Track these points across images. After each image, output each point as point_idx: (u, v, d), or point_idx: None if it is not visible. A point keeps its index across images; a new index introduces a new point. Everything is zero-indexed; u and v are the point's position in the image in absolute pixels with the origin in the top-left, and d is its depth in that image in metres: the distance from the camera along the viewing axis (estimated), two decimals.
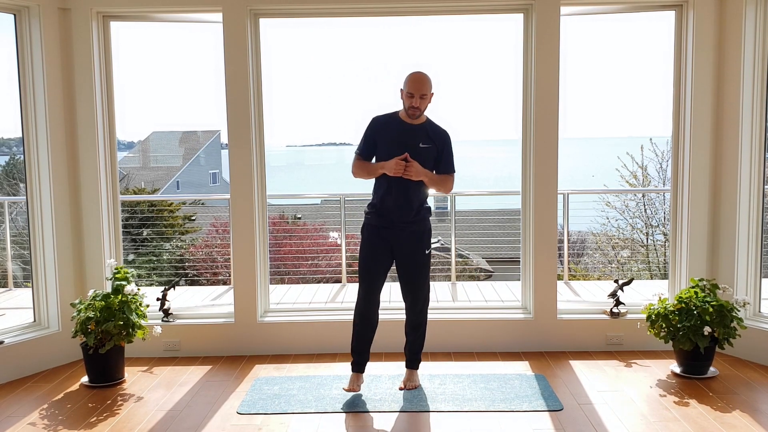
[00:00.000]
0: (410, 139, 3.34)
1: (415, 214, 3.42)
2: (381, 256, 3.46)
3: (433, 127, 3.43)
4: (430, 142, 3.37)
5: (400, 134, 3.36)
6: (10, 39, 3.96)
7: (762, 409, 3.27)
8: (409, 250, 3.46)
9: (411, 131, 3.36)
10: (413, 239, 3.45)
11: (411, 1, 4.09)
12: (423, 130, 3.39)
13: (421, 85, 3.28)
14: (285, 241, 9.68)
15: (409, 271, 3.48)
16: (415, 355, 3.60)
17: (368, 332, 3.53)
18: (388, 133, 3.38)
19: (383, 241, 3.45)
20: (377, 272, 3.46)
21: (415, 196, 3.39)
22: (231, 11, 4.03)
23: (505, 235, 13.59)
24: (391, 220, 3.41)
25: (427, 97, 3.32)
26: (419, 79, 3.30)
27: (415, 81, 3.30)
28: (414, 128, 3.37)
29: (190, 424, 3.18)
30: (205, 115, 42.01)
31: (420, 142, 3.35)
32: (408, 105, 3.32)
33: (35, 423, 3.21)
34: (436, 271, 11.16)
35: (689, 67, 4.05)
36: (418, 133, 3.36)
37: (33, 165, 4.01)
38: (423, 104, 3.32)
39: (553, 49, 4.03)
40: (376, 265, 3.46)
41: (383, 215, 3.42)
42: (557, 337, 4.22)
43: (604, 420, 3.17)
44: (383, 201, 3.40)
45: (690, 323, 3.61)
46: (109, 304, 3.65)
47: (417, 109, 3.31)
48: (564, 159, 4.25)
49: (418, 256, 3.46)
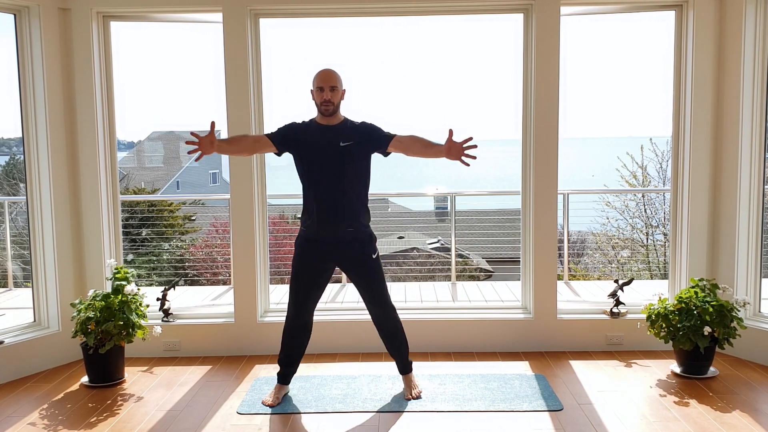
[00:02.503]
0: (330, 141, 3.23)
1: (351, 222, 3.26)
2: (315, 273, 3.34)
3: (350, 124, 3.30)
4: (350, 139, 3.23)
5: (319, 137, 3.24)
6: (10, 39, 3.96)
7: (762, 409, 3.27)
8: (355, 261, 3.34)
9: (329, 131, 3.25)
10: (355, 249, 3.31)
11: (411, 1, 4.09)
12: (341, 128, 3.26)
13: (328, 77, 3.20)
14: (285, 241, 9.68)
15: (361, 282, 3.38)
16: (404, 359, 3.53)
17: (297, 347, 3.45)
18: (307, 138, 3.24)
19: (320, 257, 3.32)
20: (310, 289, 3.36)
21: (347, 203, 3.24)
22: (231, 11, 4.03)
23: (505, 235, 13.59)
24: (327, 233, 3.27)
25: (338, 90, 3.21)
26: (327, 73, 3.21)
27: (323, 74, 3.21)
28: (332, 128, 3.26)
29: (190, 424, 3.18)
30: (205, 114, 42.00)
31: (340, 141, 3.22)
32: (320, 100, 3.20)
33: (35, 423, 3.21)
34: (436, 271, 11.16)
35: (689, 67, 4.05)
36: (337, 132, 3.25)
37: (33, 165, 4.01)
38: (335, 97, 3.20)
39: (553, 49, 4.03)
40: (309, 281, 3.35)
41: (318, 229, 3.27)
42: (557, 337, 4.23)
43: (604, 420, 3.17)
44: (311, 211, 3.27)
45: (690, 323, 3.61)
46: (109, 304, 3.65)
47: (330, 102, 3.18)
48: (564, 159, 4.25)
49: (367, 263, 3.33)
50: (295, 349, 3.47)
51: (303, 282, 3.35)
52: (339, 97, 3.25)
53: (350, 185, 3.25)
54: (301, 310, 3.39)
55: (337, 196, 3.23)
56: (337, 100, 3.23)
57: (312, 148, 3.24)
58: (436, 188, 21.99)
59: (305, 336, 3.47)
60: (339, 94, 3.24)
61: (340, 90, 3.24)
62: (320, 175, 3.24)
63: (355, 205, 3.26)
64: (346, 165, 3.23)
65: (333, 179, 3.23)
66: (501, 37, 48.55)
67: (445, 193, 7.51)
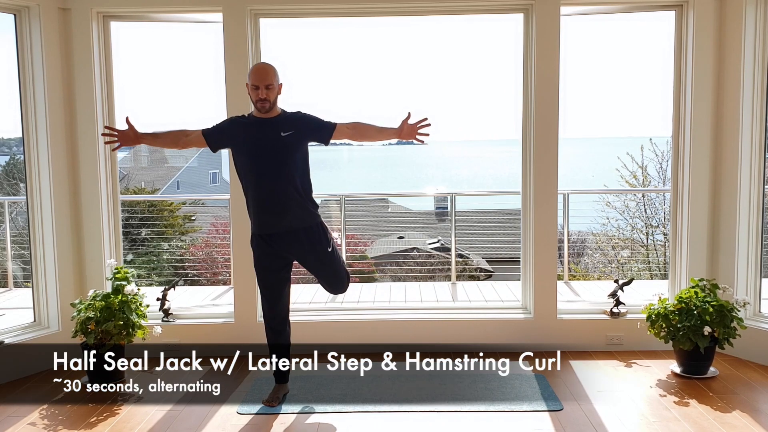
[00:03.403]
0: (270, 132, 3.18)
1: (296, 210, 3.22)
2: (276, 269, 3.33)
3: (287, 115, 3.25)
4: (291, 129, 3.19)
5: (258, 129, 3.19)
6: (10, 39, 3.96)
7: (762, 409, 3.27)
8: (309, 255, 3.30)
9: (268, 124, 3.20)
10: (306, 241, 3.26)
11: (411, 1, 4.09)
12: (280, 120, 3.22)
13: (264, 75, 3.13)
14: None
15: (320, 273, 3.37)
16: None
17: (283, 340, 3.46)
18: (246, 131, 3.21)
19: (274, 251, 3.29)
20: (276, 285, 3.35)
21: (293, 191, 3.20)
22: (231, 11, 4.02)
23: (505, 235, 13.58)
24: (275, 225, 3.23)
25: (273, 87, 3.14)
26: (261, 69, 3.15)
27: (258, 72, 3.14)
28: (271, 120, 3.20)
29: (190, 424, 3.18)
30: (205, 114, 41.96)
31: (281, 131, 3.17)
32: (255, 98, 3.15)
33: (35, 423, 3.21)
34: (436, 271, 11.16)
35: (689, 67, 4.05)
36: (276, 124, 3.21)
37: (33, 165, 4.01)
38: (270, 95, 3.14)
39: (553, 49, 4.02)
40: (273, 279, 3.34)
41: (267, 222, 3.24)
42: (557, 337, 4.22)
43: (604, 420, 3.17)
44: (257, 206, 3.24)
45: (690, 323, 3.61)
46: (109, 304, 3.65)
47: (266, 100, 3.13)
48: (564, 159, 4.25)
49: (321, 256, 3.29)
50: (282, 342, 3.47)
51: (268, 282, 3.35)
52: (275, 94, 3.20)
53: (293, 175, 3.21)
54: (275, 307, 3.39)
55: (281, 186, 3.18)
56: (273, 97, 3.18)
57: (252, 141, 3.19)
58: (436, 188, 22.00)
59: (286, 327, 3.47)
60: (275, 91, 3.19)
61: (276, 86, 3.18)
62: (264, 167, 3.19)
63: (299, 193, 3.23)
64: (288, 154, 3.19)
65: (276, 170, 3.18)
66: (501, 37, 48.51)
67: (445, 193, 7.53)
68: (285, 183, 3.18)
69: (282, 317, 3.44)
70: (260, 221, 3.26)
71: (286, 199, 3.20)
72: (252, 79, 3.16)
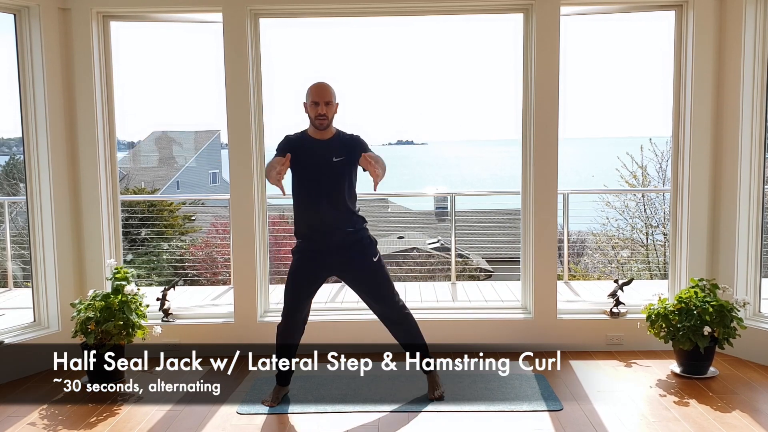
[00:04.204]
0: (324, 153, 3.24)
1: (344, 230, 3.28)
2: (312, 283, 3.38)
3: (342, 137, 3.32)
4: (342, 155, 3.26)
5: (311, 150, 3.26)
6: (10, 39, 3.96)
7: (762, 409, 3.27)
8: (356, 266, 3.34)
9: (323, 146, 3.26)
10: (355, 254, 3.32)
11: (411, 1, 4.09)
12: (334, 143, 3.28)
13: (324, 92, 3.22)
14: (285, 241, 9.67)
15: (364, 285, 3.38)
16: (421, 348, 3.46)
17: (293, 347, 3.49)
18: (301, 150, 3.24)
19: (319, 267, 3.33)
20: (304, 297, 3.38)
21: (340, 214, 3.27)
22: (231, 11, 4.03)
23: (505, 235, 13.58)
24: (321, 243, 3.29)
25: (332, 105, 3.24)
26: (322, 87, 3.23)
27: (318, 89, 3.23)
28: (325, 143, 3.27)
29: (190, 424, 3.19)
30: (205, 115, 42.01)
31: (333, 156, 3.24)
32: (314, 115, 3.22)
33: (35, 423, 3.21)
34: (436, 271, 11.16)
35: (689, 67, 4.05)
36: (330, 146, 3.26)
37: (33, 165, 4.01)
38: (329, 111, 3.23)
39: (553, 49, 4.03)
40: (305, 291, 3.37)
41: (315, 240, 3.30)
42: (557, 337, 4.22)
43: (604, 420, 3.17)
44: (305, 224, 3.30)
45: (690, 323, 3.61)
46: (109, 304, 3.65)
47: (324, 117, 3.21)
48: (564, 159, 4.25)
49: (367, 267, 3.33)
50: (291, 349, 3.49)
51: (298, 292, 3.37)
52: (333, 111, 3.27)
53: (341, 198, 3.27)
54: (296, 316, 3.41)
55: (329, 208, 3.25)
56: (331, 114, 3.26)
57: (306, 162, 3.25)
58: (436, 188, 21.97)
59: (299, 334, 3.49)
60: (333, 109, 3.27)
61: (334, 104, 3.26)
62: (314, 189, 3.26)
63: (347, 215, 3.30)
64: (338, 179, 3.26)
65: (326, 193, 3.25)
66: (501, 37, 48.56)
67: (445, 193, 7.54)
68: (334, 206, 3.26)
69: (299, 324, 3.46)
70: (307, 238, 3.33)
71: (334, 220, 3.27)
72: (312, 96, 3.23)
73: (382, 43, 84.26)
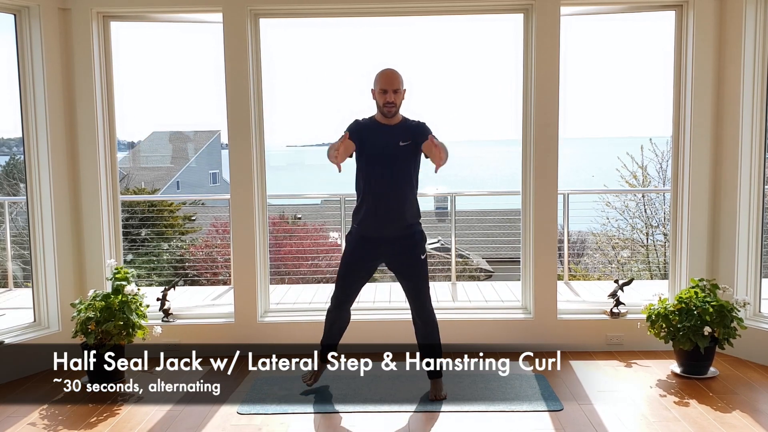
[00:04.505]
0: (390, 139, 3.27)
1: (405, 219, 3.33)
2: (364, 271, 3.43)
3: (408, 124, 3.35)
4: (408, 139, 3.28)
5: (378, 135, 3.29)
6: (10, 39, 3.96)
7: (762, 409, 3.27)
8: (404, 260, 3.38)
9: (389, 131, 3.29)
10: (406, 247, 3.36)
11: (411, 1, 4.09)
12: (400, 128, 3.31)
13: (392, 80, 3.23)
14: (285, 241, 9.67)
15: (407, 280, 3.41)
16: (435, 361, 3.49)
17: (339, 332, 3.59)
18: (368, 135, 3.29)
19: (370, 252, 3.38)
20: (356, 283, 3.43)
21: (403, 200, 3.31)
22: (231, 11, 4.03)
23: (505, 235, 13.58)
24: (380, 229, 3.33)
25: (400, 92, 3.25)
26: (390, 74, 3.25)
27: (386, 76, 3.24)
28: (392, 128, 3.30)
29: (190, 424, 3.19)
30: (205, 115, 41.96)
31: (399, 140, 3.27)
32: (382, 102, 3.24)
33: (35, 423, 3.21)
34: (436, 271, 11.16)
35: (689, 67, 4.05)
36: (396, 132, 3.29)
37: (33, 165, 4.01)
38: (397, 99, 3.25)
39: (553, 49, 4.02)
40: (357, 278, 3.42)
41: (374, 226, 3.33)
42: (557, 337, 4.22)
43: (604, 420, 3.17)
44: (368, 209, 3.32)
45: (690, 323, 3.61)
46: (109, 304, 3.65)
47: (392, 104, 3.23)
48: (564, 159, 4.25)
49: (416, 265, 3.37)
50: (337, 334, 3.59)
51: (350, 279, 3.42)
52: (401, 99, 3.28)
53: (406, 183, 3.31)
54: (345, 303, 3.49)
55: (394, 193, 3.29)
56: (399, 101, 3.27)
57: (373, 146, 3.28)
58: (436, 188, 21.98)
59: (346, 321, 3.58)
60: (401, 96, 3.28)
61: (401, 91, 3.27)
62: (379, 174, 3.28)
63: (410, 202, 3.34)
64: (403, 164, 3.29)
65: (391, 178, 3.28)
66: (501, 37, 48.50)
67: (445, 193, 7.51)
68: (398, 191, 3.29)
69: (346, 312, 3.55)
70: (367, 223, 3.34)
71: (397, 207, 3.30)
72: (380, 83, 3.25)
73: (382, 43, 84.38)
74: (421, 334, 3.51)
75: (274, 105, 5.67)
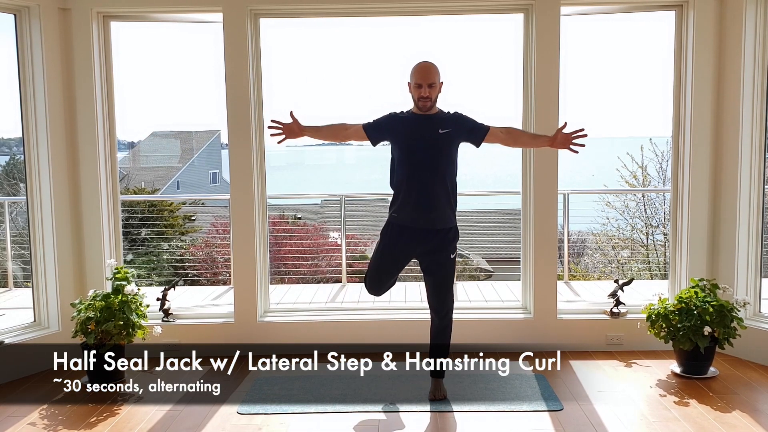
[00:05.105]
0: (428, 129, 3.21)
1: (444, 208, 3.25)
2: (399, 261, 3.37)
3: (445, 114, 3.29)
4: (448, 127, 3.22)
5: (417, 126, 3.22)
6: (10, 39, 3.96)
7: (762, 409, 3.27)
8: (435, 257, 3.32)
9: (427, 121, 3.23)
10: (439, 246, 3.30)
11: (411, 1, 4.09)
12: (438, 118, 3.25)
13: (427, 74, 3.16)
14: (285, 241, 9.67)
15: (433, 277, 3.37)
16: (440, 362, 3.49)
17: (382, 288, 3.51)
18: (405, 126, 3.24)
19: (405, 245, 3.31)
20: (389, 274, 3.39)
21: (443, 189, 3.23)
22: (231, 11, 4.03)
23: (505, 235, 13.57)
24: (420, 220, 3.25)
25: (435, 86, 3.18)
26: (425, 68, 3.17)
27: (421, 70, 3.17)
28: (430, 117, 3.24)
29: (190, 424, 3.19)
30: (205, 115, 41.91)
31: (439, 128, 3.20)
32: (417, 96, 3.18)
33: (35, 423, 3.21)
34: None
35: (689, 67, 4.05)
36: (434, 121, 3.23)
37: (33, 165, 4.01)
38: (432, 93, 3.17)
39: (553, 50, 4.02)
40: (390, 267, 3.37)
41: (412, 215, 3.25)
42: (557, 337, 4.22)
43: (604, 420, 3.17)
44: (405, 199, 3.26)
45: (690, 323, 3.61)
46: (109, 304, 3.65)
47: (428, 99, 3.16)
48: (564, 159, 4.25)
49: (444, 262, 3.33)
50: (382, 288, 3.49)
51: (384, 268, 3.37)
52: (437, 92, 3.22)
53: (445, 173, 3.24)
54: (378, 292, 3.45)
55: (432, 183, 3.22)
56: (435, 95, 3.21)
57: (412, 136, 3.22)
58: None
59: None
60: (437, 90, 3.21)
61: (437, 85, 3.21)
62: (419, 163, 3.21)
63: (448, 192, 3.27)
64: (443, 152, 3.22)
65: (430, 167, 3.21)
66: (501, 37, 48.44)
67: None
68: (437, 181, 3.22)
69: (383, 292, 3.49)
70: (404, 214, 3.28)
71: (435, 197, 3.23)
72: (415, 77, 3.18)
73: (381, 43, 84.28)
74: (435, 332, 3.49)
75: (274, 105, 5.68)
